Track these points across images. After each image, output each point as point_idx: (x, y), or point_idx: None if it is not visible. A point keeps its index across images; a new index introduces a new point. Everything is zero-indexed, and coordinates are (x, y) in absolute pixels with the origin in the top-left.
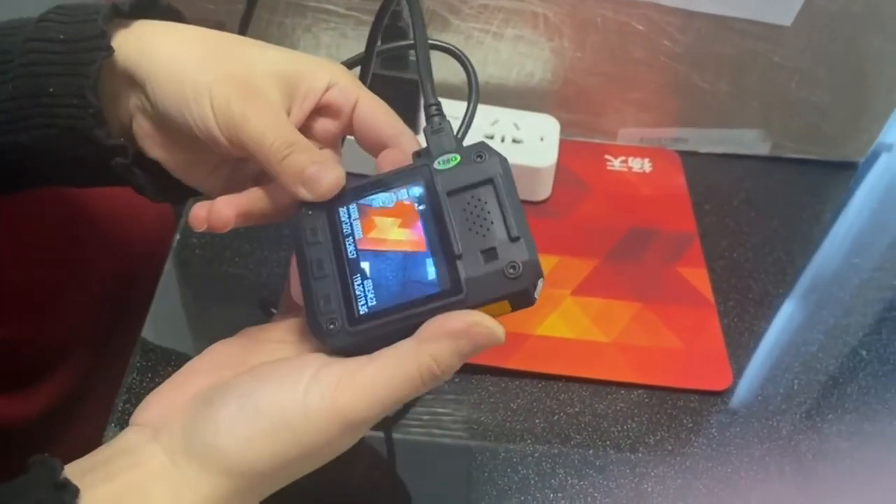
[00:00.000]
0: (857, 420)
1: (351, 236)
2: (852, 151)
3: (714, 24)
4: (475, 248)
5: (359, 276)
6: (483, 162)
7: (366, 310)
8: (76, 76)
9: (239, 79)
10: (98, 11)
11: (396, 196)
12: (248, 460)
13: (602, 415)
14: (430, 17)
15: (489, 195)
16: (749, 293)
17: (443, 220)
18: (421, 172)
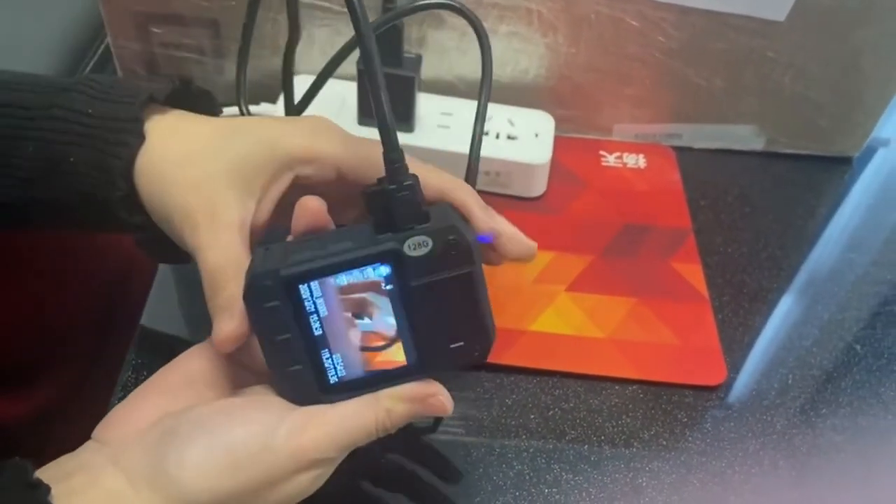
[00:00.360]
0: (852, 414)
1: (315, 314)
2: (847, 146)
3: (708, 19)
4: (442, 334)
5: (326, 350)
6: (457, 253)
7: (335, 380)
8: (102, 153)
9: (195, 211)
10: (135, 95)
11: (363, 275)
12: (211, 492)
13: (597, 410)
14: (425, 14)
15: (460, 287)
16: (744, 288)
17: (412, 307)
18: (390, 256)
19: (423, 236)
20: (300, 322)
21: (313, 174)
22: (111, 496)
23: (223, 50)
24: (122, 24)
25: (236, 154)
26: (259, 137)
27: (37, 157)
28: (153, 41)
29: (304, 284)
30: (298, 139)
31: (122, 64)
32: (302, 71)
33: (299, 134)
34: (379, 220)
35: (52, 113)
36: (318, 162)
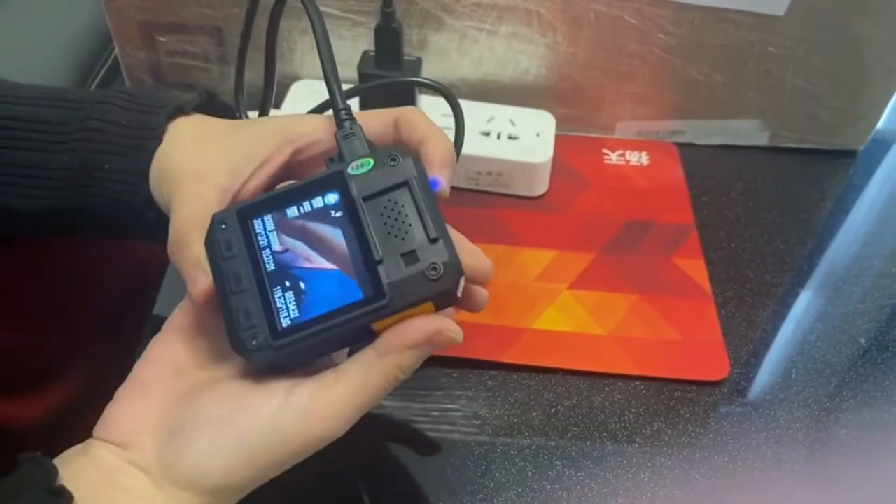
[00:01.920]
0: (856, 408)
1: (268, 248)
2: (851, 139)
3: (707, 15)
4: (395, 252)
5: (279, 288)
6: (397, 165)
7: (288, 322)
8: (133, 159)
9: (185, 173)
10: (163, 105)
11: (311, 204)
12: (230, 482)
13: (599, 407)
14: (425, 17)
15: (405, 198)
16: (747, 283)
17: (360, 225)
18: (335, 178)
19: (366, 158)
20: (254, 258)
21: (314, 144)
22: (136, 496)
23: (228, 57)
24: (128, 33)
25: (241, 134)
26: (266, 126)
27: (72, 167)
28: (159, 50)
29: (257, 219)
30: (302, 121)
31: (129, 72)
32: (304, 76)
33: (303, 118)
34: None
35: (89, 125)
36: (317, 132)
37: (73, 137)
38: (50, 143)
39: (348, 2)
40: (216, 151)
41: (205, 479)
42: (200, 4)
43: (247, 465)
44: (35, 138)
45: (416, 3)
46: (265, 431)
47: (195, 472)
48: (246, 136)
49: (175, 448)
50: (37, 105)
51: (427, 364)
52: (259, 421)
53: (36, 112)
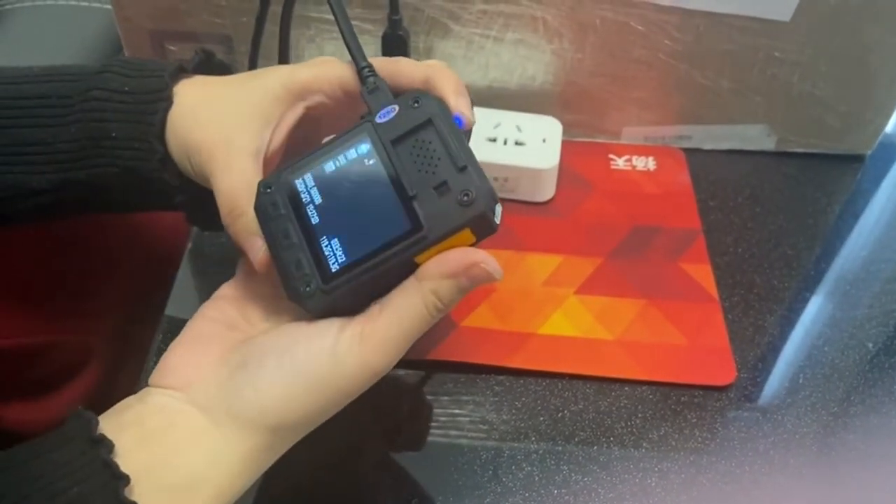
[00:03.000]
0: (863, 413)
1: (311, 203)
2: (859, 144)
3: (713, 21)
4: (427, 185)
5: (325, 237)
6: (420, 106)
7: (337, 266)
8: (140, 123)
9: (213, 143)
10: (164, 69)
11: (346, 157)
12: (287, 417)
13: (606, 411)
14: (432, 24)
15: (431, 135)
16: (754, 288)
17: (392, 166)
18: (364, 129)
19: (391, 106)
20: (300, 214)
21: (324, 98)
22: (194, 434)
23: (237, 65)
24: (138, 41)
25: (252, 91)
26: (273, 76)
27: (79, 138)
28: (169, 58)
29: (299, 178)
30: (306, 71)
31: None
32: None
33: (307, 67)
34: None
35: (92, 95)
36: (325, 86)
37: (77, 109)
38: (55, 117)
39: (355, 9)
40: (234, 112)
41: (265, 412)
42: (210, 13)
43: (304, 396)
44: (41, 114)
45: (423, 11)
46: (323, 362)
47: (256, 404)
48: (258, 93)
49: (238, 381)
50: (39, 82)
51: (434, 369)
52: (317, 351)
53: (39, 89)
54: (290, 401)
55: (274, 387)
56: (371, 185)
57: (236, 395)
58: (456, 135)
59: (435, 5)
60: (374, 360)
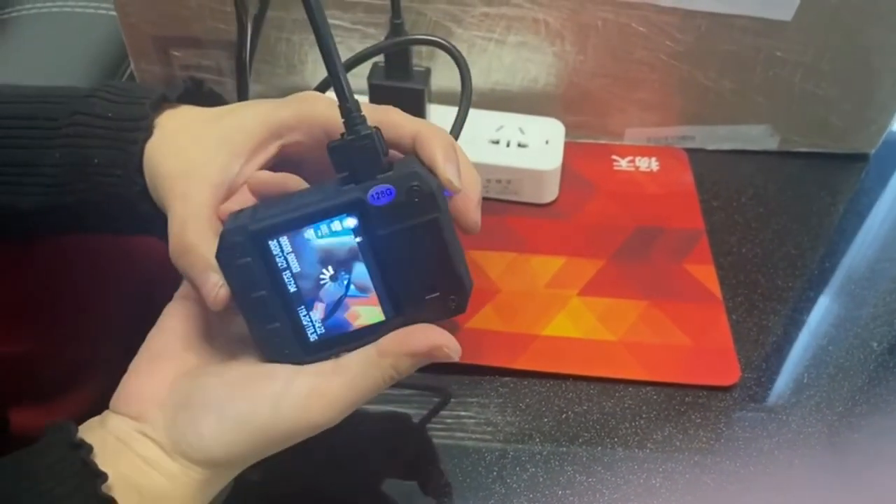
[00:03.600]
0: (868, 412)
1: (288, 270)
2: (862, 143)
3: (714, 21)
4: (416, 284)
5: (303, 308)
6: (421, 202)
7: (315, 337)
8: (121, 151)
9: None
10: (147, 96)
11: (329, 228)
12: (231, 458)
13: (610, 412)
14: (434, 27)
15: (428, 234)
16: (758, 288)
17: (382, 258)
18: (354, 206)
19: (386, 185)
20: (274, 279)
21: (303, 139)
22: (150, 460)
23: None
24: (142, 48)
25: (228, 124)
26: (251, 110)
27: (63, 163)
28: (173, 64)
29: (273, 240)
30: (287, 110)
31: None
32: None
33: (288, 105)
34: (345, 175)
35: (76, 119)
36: (305, 126)
37: (62, 133)
38: (41, 139)
39: (357, 14)
40: (201, 145)
41: (208, 454)
42: (214, 19)
43: (246, 443)
44: (28, 135)
45: (425, 14)
46: (265, 415)
47: (199, 448)
48: (230, 127)
49: (181, 425)
50: (26, 103)
51: (439, 371)
52: (260, 405)
53: (28, 109)
54: (231, 446)
55: (214, 434)
56: (354, 265)
57: (181, 437)
58: (453, 238)
59: (437, 9)
60: (318, 419)
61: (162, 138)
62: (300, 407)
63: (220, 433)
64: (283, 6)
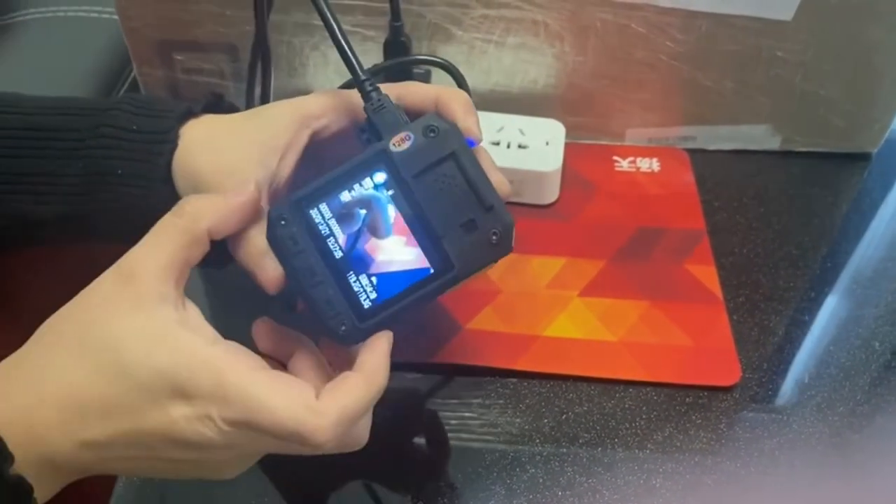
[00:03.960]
0: (870, 412)
1: (332, 236)
2: (865, 142)
3: (714, 22)
4: (454, 223)
5: (352, 273)
6: (437, 136)
7: (369, 304)
8: (146, 163)
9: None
10: (173, 109)
11: (362, 187)
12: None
13: (610, 413)
14: (434, 29)
15: (453, 170)
16: (759, 289)
17: (416, 202)
18: (379, 158)
19: (405, 132)
20: (322, 248)
21: (329, 124)
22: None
23: (243, 73)
24: (145, 52)
25: (257, 123)
26: (279, 108)
27: (86, 173)
28: (176, 67)
29: (313, 208)
30: (313, 101)
31: (147, 90)
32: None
33: (314, 97)
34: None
35: (101, 132)
36: (331, 113)
37: (87, 144)
38: (65, 150)
39: (357, 16)
40: (238, 145)
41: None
42: (216, 23)
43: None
44: (50, 146)
45: (425, 17)
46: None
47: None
48: (262, 126)
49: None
50: (51, 115)
51: (439, 372)
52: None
53: (50, 121)
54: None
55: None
56: (392, 219)
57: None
58: (476, 167)
59: (437, 11)
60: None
61: (191, 145)
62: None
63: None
64: (284, 9)
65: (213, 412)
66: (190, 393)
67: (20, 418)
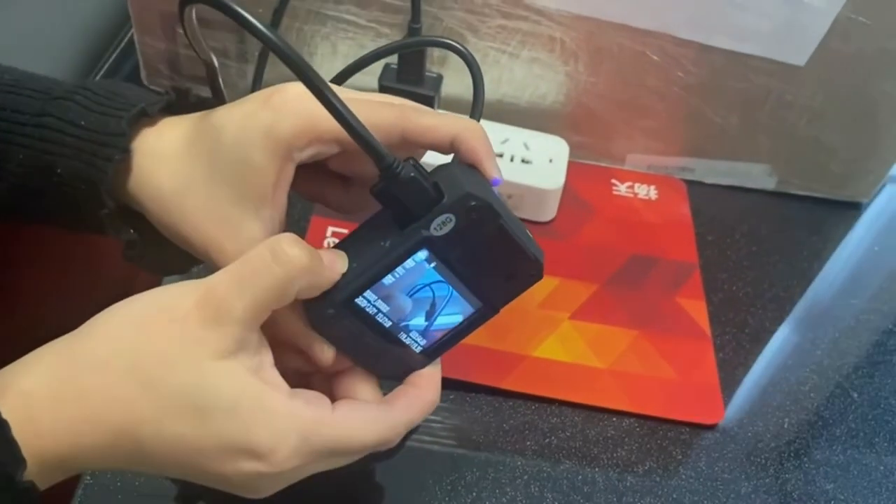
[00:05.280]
0: (844, 463)
1: (379, 313)
2: (858, 192)
3: (728, 59)
4: (496, 280)
5: (402, 333)
6: (480, 217)
7: (419, 349)
8: (89, 166)
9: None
10: (125, 108)
11: (405, 269)
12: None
13: (593, 441)
14: (449, 34)
15: (495, 241)
16: (745, 328)
17: (459, 272)
18: (421, 242)
19: (445, 215)
20: (370, 324)
21: (316, 155)
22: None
23: (247, 55)
24: (149, 22)
25: (228, 166)
26: (247, 139)
27: (27, 165)
28: (178, 41)
29: (360, 298)
30: (289, 124)
31: (146, 61)
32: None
33: (288, 118)
34: (397, 211)
35: (43, 121)
36: (317, 142)
37: (26, 133)
38: (5, 132)
39: (373, 12)
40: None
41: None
42: None
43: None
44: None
45: (442, 21)
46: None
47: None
48: (241, 171)
49: None
50: (2, 91)
51: None
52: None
53: (2, 99)
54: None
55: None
56: (439, 285)
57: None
58: (520, 229)
59: (455, 16)
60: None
61: (152, 154)
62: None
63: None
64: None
65: (296, 464)
66: (266, 455)
67: (66, 434)
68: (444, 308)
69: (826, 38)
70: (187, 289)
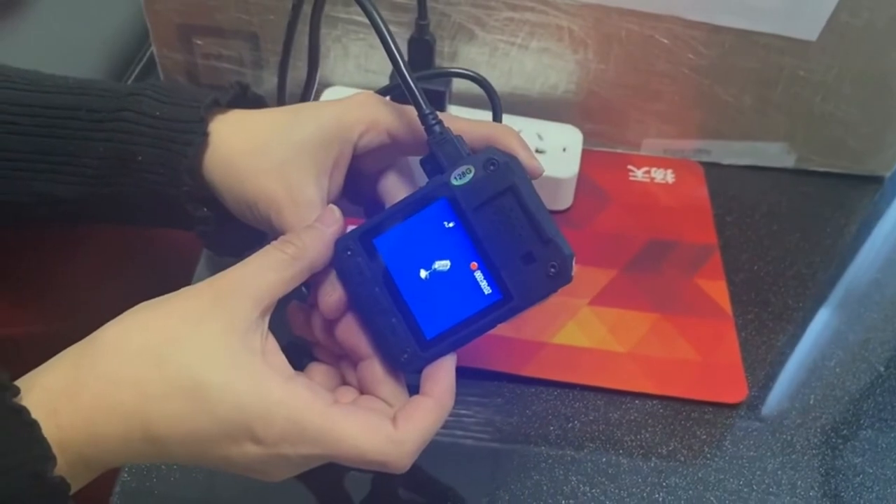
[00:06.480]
0: (872, 437)
1: (396, 268)
2: (878, 165)
3: (738, 38)
4: (512, 255)
5: (416, 303)
6: (497, 170)
7: (432, 334)
8: (168, 151)
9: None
10: (198, 100)
11: (424, 218)
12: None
13: (616, 424)
14: (457, 29)
15: (512, 202)
16: (768, 307)
17: (476, 235)
18: (440, 191)
19: (465, 166)
20: (386, 277)
21: (370, 141)
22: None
23: (262, 62)
24: (166, 34)
25: (301, 138)
26: (320, 120)
27: (106, 156)
28: (195, 52)
29: (378, 238)
30: (355, 113)
31: (165, 73)
32: (336, 82)
33: (355, 109)
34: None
35: (122, 115)
36: (374, 130)
37: (107, 127)
38: (83, 130)
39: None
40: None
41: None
42: (238, 10)
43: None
44: (69, 126)
45: (450, 16)
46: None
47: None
48: (309, 142)
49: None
50: (71, 94)
51: None
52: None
53: (69, 100)
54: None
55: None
56: (453, 250)
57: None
58: (536, 200)
59: (462, 11)
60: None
61: (228, 137)
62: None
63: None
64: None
65: (288, 451)
66: (260, 437)
67: (84, 424)
68: (458, 288)
69: (836, 12)
70: (203, 282)
